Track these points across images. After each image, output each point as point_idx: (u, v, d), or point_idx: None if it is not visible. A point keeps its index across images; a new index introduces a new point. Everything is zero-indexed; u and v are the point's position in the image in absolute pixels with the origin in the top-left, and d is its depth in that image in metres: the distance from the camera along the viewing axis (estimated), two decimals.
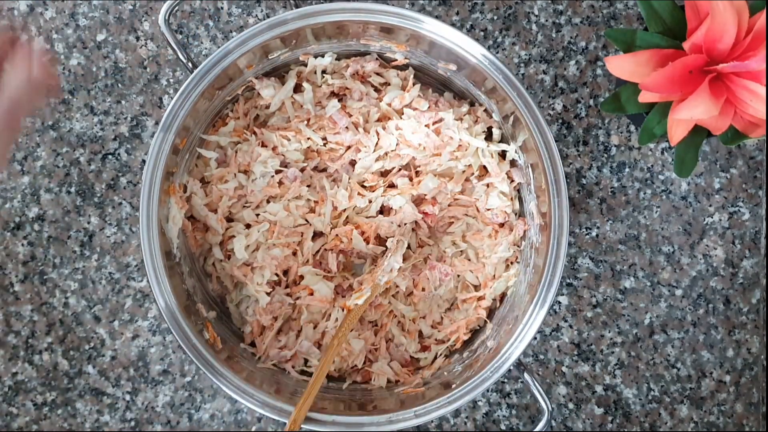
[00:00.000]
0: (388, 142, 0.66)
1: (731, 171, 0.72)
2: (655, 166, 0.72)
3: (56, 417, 0.71)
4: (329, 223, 0.66)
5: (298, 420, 0.58)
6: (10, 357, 0.71)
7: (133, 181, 0.71)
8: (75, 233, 0.71)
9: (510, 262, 0.67)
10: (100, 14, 0.71)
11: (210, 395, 0.71)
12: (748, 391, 0.72)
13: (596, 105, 0.72)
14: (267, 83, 0.65)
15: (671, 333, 0.72)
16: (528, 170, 0.64)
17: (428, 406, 0.59)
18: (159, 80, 0.71)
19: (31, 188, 0.71)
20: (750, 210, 0.72)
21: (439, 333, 0.67)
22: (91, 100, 0.71)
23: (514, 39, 0.72)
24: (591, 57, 0.72)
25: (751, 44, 0.52)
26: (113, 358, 0.71)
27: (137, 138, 0.71)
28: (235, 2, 0.71)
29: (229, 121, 0.66)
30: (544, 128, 0.59)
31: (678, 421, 0.72)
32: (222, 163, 0.66)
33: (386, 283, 0.64)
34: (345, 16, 0.59)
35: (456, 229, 0.68)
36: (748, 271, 0.72)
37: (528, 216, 0.65)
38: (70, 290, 0.71)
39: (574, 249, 0.72)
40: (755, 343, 0.72)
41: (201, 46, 0.71)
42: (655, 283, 0.72)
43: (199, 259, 0.67)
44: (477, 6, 0.71)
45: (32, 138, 0.71)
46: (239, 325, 0.67)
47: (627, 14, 0.72)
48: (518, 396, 0.72)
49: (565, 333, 0.72)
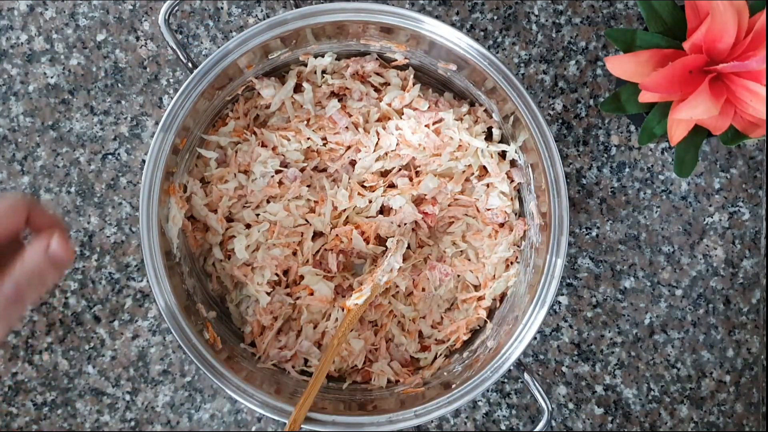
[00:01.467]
0: (388, 142, 0.66)
1: (731, 171, 0.72)
2: (655, 166, 0.72)
3: (56, 417, 0.71)
4: (329, 223, 0.66)
5: (298, 420, 0.58)
6: (10, 357, 0.71)
7: (133, 181, 0.71)
8: (75, 233, 0.71)
9: (510, 262, 0.67)
10: (100, 14, 0.71)
11: (210, 395, 0.71)
12: (748, 391, 0.72)
13: (596, 105, 0.72)
14: (267, 83, 0.65)
15: (671, 333, 0.72)
16: (528, 170, 0.64)
17: (428, 406, 0.59)
18: (159, 80, 0.71)
19: (31, 188, 0.71)
20: (750, 210, 0.72)
21: (439, 333, 0.67)
22: (91, 100, 0.71)
23: (514, 39, 0.72)
24: (591, 57, 0.72)
25: (751, 44, 0.52)
26: (113, 358, 0.71)
27: (137, 138, 0.71)
28: (235, 2, 0.71)
29: (229, 121, 0.66)
30: (544, 128, 0.59)
31: (678, 421, 0.72)
32: (222, 163, 0.66)
33: (386, 283, 0.64)
34: (345, 16, 0.59)
35: (456, 229, 0.68)
36: (748, 271, 0.72)
37: (528, 216, 0.65)
38: (70, 290, 0.71)
39: (574, 249, 0.72)
40: (755, 343, 0.72)
41: (201, 46, 0.71)
42: (655, 283, 0.72)
43: (199, 259, 0.67)
44: (477, 6, 0.71)
45: (32, 138, 0.71)
46: (239, 325, 0.67)
47: (627, 14, 0.72)
48: (518, 396, 0.72)
49: (565, 333, 0.72)
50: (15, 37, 0.71)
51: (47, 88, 0.71)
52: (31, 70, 0.71)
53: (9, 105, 0.71)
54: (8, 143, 0.71)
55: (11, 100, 0.71)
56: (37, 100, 0.71)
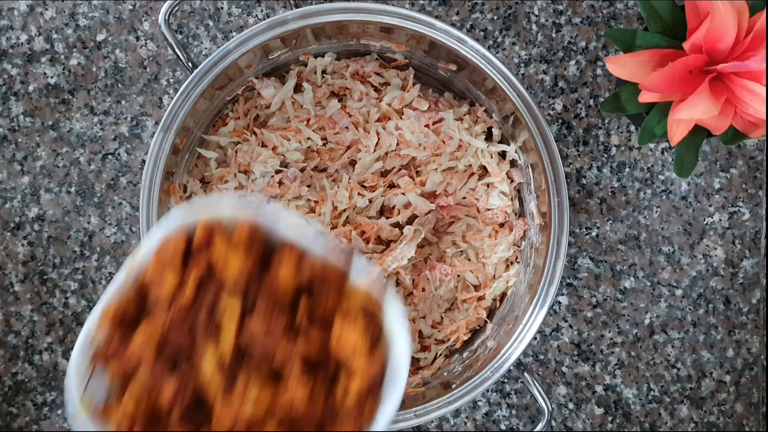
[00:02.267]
0: (388, 142, 0.66)
1: (731, 171, 0.72)
2: (655, 166, 0.72)
3: (56, 417, 0.71)
4: (329, 223, 0.66)
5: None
6: (10, 357, 0.71)
7: (133, 181, 0.71)
8: (75, 233, 0.71)
9: (510, 262, 0.67)
10: (100, 14, 0.71)
11: None
12: (748, 391, 0.72)
13: (596, 105, 0.72)
14: (267, 83, 0.65)
15: (671, 333, 0.72)
16: (528, 170, 0.64)
17: (428, 406, 0.59)
18: (159, 80, 0.71)
19: (31, 188, 0.71)
20: (750, 210, 0.72)
21: (439, 333, 0.67)
22: (91, 100, 0.71)
23: (514, 39, 0.72)
24: (591, 57, 0.72)
25: (751, 44, 0.52)
26: None
27: (137, 138, 0.71)
28: (235, 2, 0.71)
29: (229, 121, 0.66)
30: (544, 128, 0.59)
31: (678, 421, 0.72)
32: (222, 163, 0.66)
33: (393, 272, 0.64)
34: (345, 16, 0.59)
35: (456, 229, 0.68)
36: (748, 271, 0.72)
37: (528, 216, 0.65)
38: (70, 290, 0.71)
39: (574, 249, 0.72)
40: (755, 343, 0.72)
41: (201, 46, 0.71)
42: (655, 283, 0.72)
43: None
44: (477, 6, 0.71)
45: (32, 138, 0.71)
46: None
47: (627, 14, 0.72)
48: (518, 396, 0.72)
49: (565, 333, 0.72)
50: (15, 37, 0.71)
51: (47, 88, 0.71)
52: (31, 70, 0.71)
53: (9, 105, 0.71)
54: (8, 143, 0.71)
55: (11, 100, 0.71)
56: (37, 100, 0.71)
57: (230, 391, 0.43)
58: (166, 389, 0.43)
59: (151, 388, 0.43)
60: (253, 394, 0.43)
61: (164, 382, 0.43)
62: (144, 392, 0.43)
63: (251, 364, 0.44)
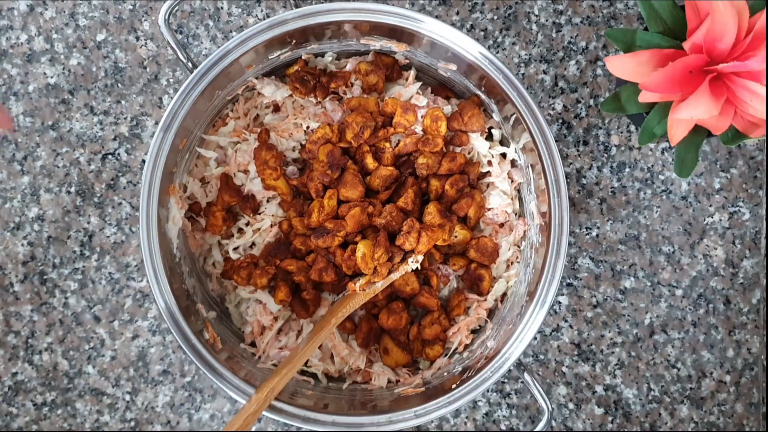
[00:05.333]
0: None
1: (731, 171, 0.72)
2: (655, 166, 0.72)
3: (56, 417, 0.71)
4: None
5: (276, 389, 0.58)
6: (10, 357, 0.71)
7: (133, 181, 0.71)
8: (75, 233, 0.71)
9: (510, 262, 0.67)
10: (100, 14, 0.71)
11: (210, 395, 0.71)
12: (748, 391, 0.72)
13: (596, 105, 0.72)
14: (267, 82, 0.65)
15: (671, 333, 0.72)
16: (528, 170, 0.64)
17: (428, 406, 0.59)
18: (159, 80, 0.71)
19: (31, 188, 0.71)
20: (750, 210, 0.72)
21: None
22: (91, 100, 0.71)
23: (514, 39, 0.72)
24: (591, 57, 0.72)
25: (751, 44, 0.52)
26: (113, 358, 0.71)
27: (137, 138, 0.71)
28: (235, 2, 0.71)
29: (229, 120, 0.66)
30: (544, 128, 0.59)
31: (678, 421, 0.72)
32: (222, 163, 0.66)
33: (399, 278, 0.64)
34: (345, 16, 0.59)
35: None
36: (748, 271, 0.72)
37: (528, 216, 0.65)
38: (70, 290, 0.71)
39: (574, 249, 0.72)
40: (755, 343, 0.72)
41: (201, 46, 0.71)
42: (655, 283, 0.72)
43: (199, 259, 0.67)
44: (477, 6, 0.71)
45: (32, 138, 0.71)
46: (239, 325, 0.67)
47: (627, 14, 0.72)
48: (518, 396, 0.72)
49: (565, 333, 0.72)
50: (15, 37, 0.71)
51: (47, 88, 0.71)
52: (31, 70, 0.71)
53: (9, 105, 0.71)
54: (8, 143, 0.71)
55: (11, 100, 0.71)
56: (37, 100, 0.71)
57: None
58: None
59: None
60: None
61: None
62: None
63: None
